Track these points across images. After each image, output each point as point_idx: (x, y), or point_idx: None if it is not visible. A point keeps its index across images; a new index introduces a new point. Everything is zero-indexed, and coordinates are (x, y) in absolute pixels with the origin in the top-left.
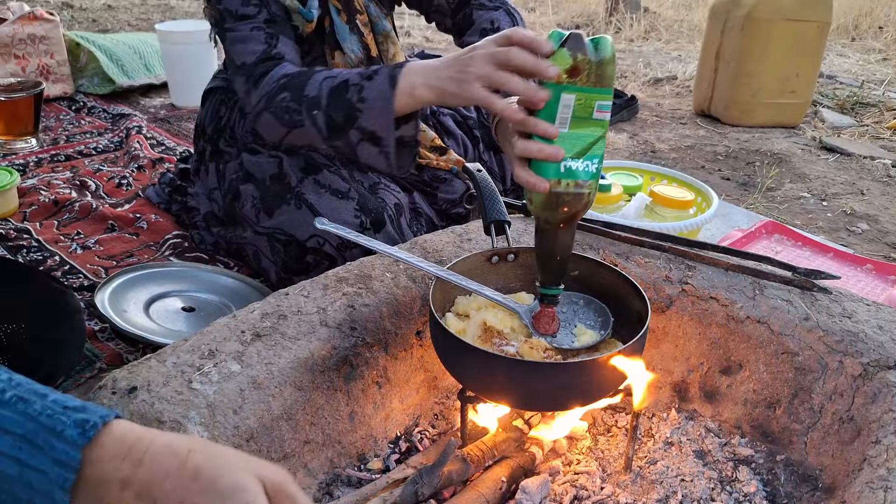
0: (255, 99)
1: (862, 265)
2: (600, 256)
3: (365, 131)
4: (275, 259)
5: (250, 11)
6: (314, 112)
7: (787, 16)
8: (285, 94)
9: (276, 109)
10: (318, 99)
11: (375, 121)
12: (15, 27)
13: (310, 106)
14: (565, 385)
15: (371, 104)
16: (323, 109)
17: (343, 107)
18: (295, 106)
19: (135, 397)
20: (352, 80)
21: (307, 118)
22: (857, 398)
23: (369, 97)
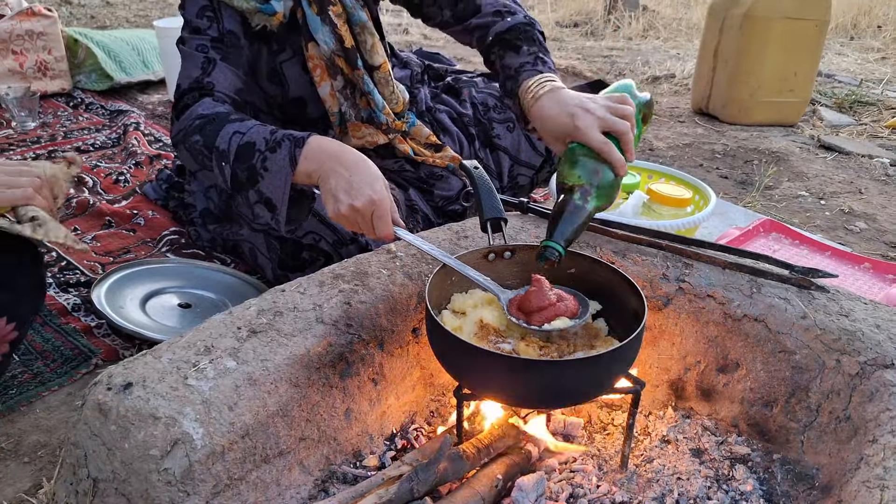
0: (174, 130)
1: (860, 264)
2: (597, 254)
3: (262, 196)
4: (271, 256)
5: (202, 24)
6: (223, 163)
7: (785, 14)
8: (198, 138)
9: (190, 148)
10: (227, 154)
11: (273, 191)
12: (13, 23)
13: (219, 157)
14: (561, 383)
15: (272, 175)
16: (230, 164)
17: (247, 168)
18: (206, 152)
19: (130, 393)
20: (258, 144)
21: (216, 166)
22: (854, 397)
23: (271, 168)
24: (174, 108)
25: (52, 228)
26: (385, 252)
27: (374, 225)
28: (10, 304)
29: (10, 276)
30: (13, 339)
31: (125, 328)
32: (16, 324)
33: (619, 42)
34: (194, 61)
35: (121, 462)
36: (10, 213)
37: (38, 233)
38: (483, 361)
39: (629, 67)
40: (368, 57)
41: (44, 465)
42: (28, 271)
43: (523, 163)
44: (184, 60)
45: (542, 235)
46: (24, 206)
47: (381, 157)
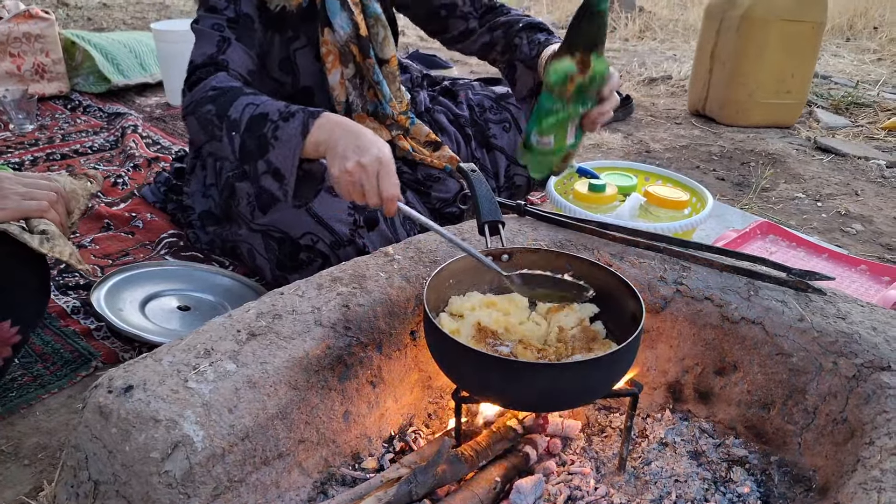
0: (186, 100)
1: (856, 266)
2: (595, 257)
3: (271, 166)
4: (269, 256)
5: (219, 4)
6: (232, 133)
7: (782, 16)
8: (210, 107)
9: (200, 117)
10: (238, 124)
11: (282, 160)
12: (10, 25)
13: (230, 127)
14: (559, 386)
15: (282, 143)
16: (240, 133)
17: (257, 138)
18: (217, 122)
19: (131, 396)
20: (271, 114)
21: (226, 136)
22: (850, 399)
23: (282, 137)
24: (186, 81)
25: (58, 245)
26: (383, 255)
27: (380, 184)
28: (15, 307)
29: (15, 280)
30: (16, 342)
31: (125, 331)
32: (19, 327)
33: (616, 43)
34: (209, 39)
35: (121, 464)
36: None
37: (44, 247)
38: (481, 364)
39: (626, 69)
40: (379, 49)
41: (44, 468)
42: (33, 275)
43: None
44: (198, 38)
45: (540, 238)
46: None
47: None
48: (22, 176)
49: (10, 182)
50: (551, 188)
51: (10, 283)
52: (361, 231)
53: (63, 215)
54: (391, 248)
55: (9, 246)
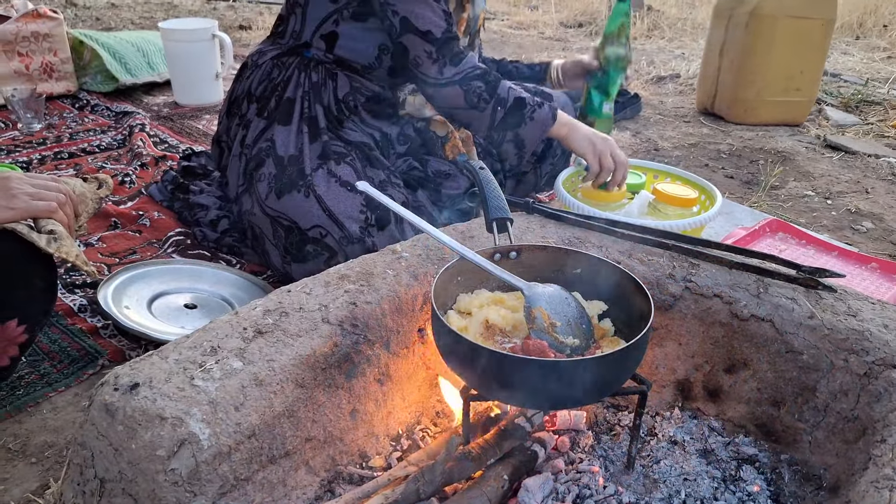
0: (448, 72)
1: (867, 264)
2: (604, 254)
3: (518, 137)
4: (276, 243)
5: None
6: (498, 108)
7: (791, 13)
8: (480, 84)
9: (467, 89)
10: (506, 102)
11: (531, 136)
12: (19, 25)
13: (498, 103)
14: (568, 383)
15: (535, 124)
16: (506, 110)
17: (517, 115)
18: (486, 97)
19: (137, 393)
20: (528, 100)
21: (490, 109)
22: (861, 397)
23: (537, 118)
24: (441, 50)
25: (65, 245)
26: (390, 252)
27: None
28: (22, 305)
29: (22, 279)
30: (23, 341)
31: (131, 329)
32: (26, 326)
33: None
34: (436, 11)
35: (128, 462)
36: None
37: (51, 246)
38: (489, 362)
39: (634, 67)
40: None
41: (51, 466)
42: (40, 275)
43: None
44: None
45: (548, 235)
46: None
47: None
48: (32, 177)
49: (19, 182)
50: (560, 186)
51: (17, 282)
52: (372, 230)
53: (71, 217)
54: (399, 245)
55: (16, 245)
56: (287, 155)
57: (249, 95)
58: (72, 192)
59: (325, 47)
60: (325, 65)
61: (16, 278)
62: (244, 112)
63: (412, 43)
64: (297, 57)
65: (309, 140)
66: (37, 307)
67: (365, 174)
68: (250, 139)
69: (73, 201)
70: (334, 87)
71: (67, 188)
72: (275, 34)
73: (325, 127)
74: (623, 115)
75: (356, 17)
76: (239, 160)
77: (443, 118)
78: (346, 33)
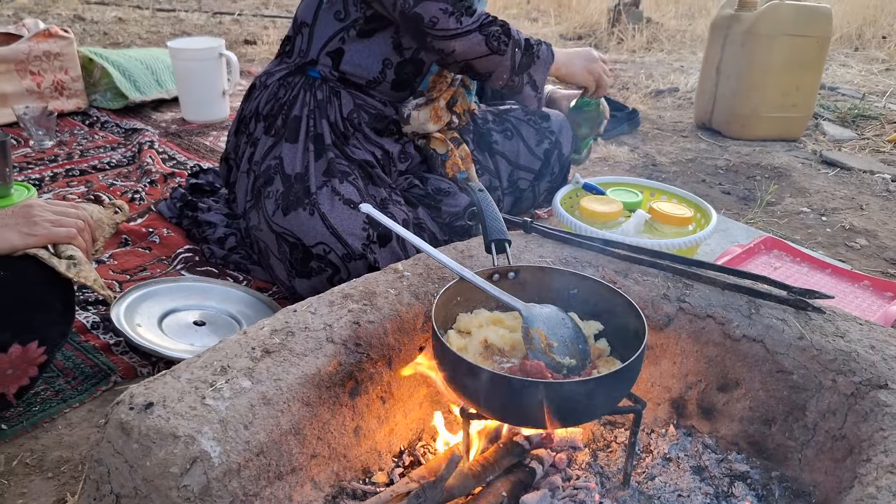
0: (466, 21)
1: (859, 281)
2: (600, 273)
3: (532, 78)
4: (281, 258)
5: None
6: (516, 49)
7: (787, 31)
8: (496, 28)
9: (487, 34)
10: (520, 42)
11: (539, 74)
12: (31, 44)
13: (515, 44)
14: (564, 403)
15: (542, 61)
16: (522, 50)
17: (529, 55)
18: (505, 39)
19: (151, 412)
20: (531, 39)
21: (510, 51)
22: (849, 416)
23: (542, 57)
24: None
25: (84, 270)
26: (392, 271)
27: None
28: (42, 327)
29: (43, 302)
30: (42, 362)
31: (143, 346)
32: (45, 347)
33: (623, 55)
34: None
35: (142, 479)
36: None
37: (71, 271)
38: (486, 382)
39: (633, 81)
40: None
41: (67, 481)
42: (60, 298)
43: (522, 167)
44: None
45: (546, 255)
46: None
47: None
48: (52, 204)
49: (41, 210)
50: (557, 204)
51: (38, 305)
52: (373, 246)
53: (89, 242)
54: (400, 264)
55: (38, 269)
56: (294, 173)
57: (257, 115)
58: (90, 218)
59: (332, 64)
60: (329, 83)
61: (37, 301)
62: (252, 130)
63: (426, 8)
64: (302, 77)
65: (314, 158)
66: (56, 329)
67: (367, 192)
68: (258, 156)
69: (91, 227)
70: (339, 104)
71: (86, 214)
72: (282, 53)
73: (331, 143)
74: (621, 130)
75: (362, 34)
76: (247, 177)
77: (443, 136)
78: (351, 49)
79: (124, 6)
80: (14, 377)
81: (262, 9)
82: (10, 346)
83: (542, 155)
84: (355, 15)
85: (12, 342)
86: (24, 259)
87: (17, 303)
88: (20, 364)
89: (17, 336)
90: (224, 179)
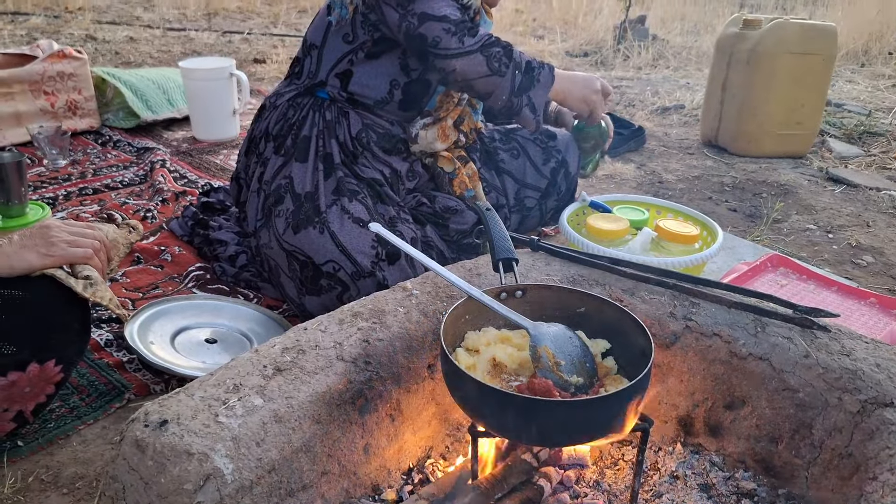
0: (468, 41)
1: (866, 299)
2: (607, 291)
3: (531, 101)
4: (292, 275)
5: None
6: (516, 72)
7: (791, 50)
8: (498, 49)
9: (488, 55)
10: (520, 65)
11: (538, 97)
12: (45, 65)
13: (515, 66)
14: (573, 422)
15: (541, 84)
16: (522, 73)
17: (529, 78)
18: (506, 60)
19: (166, 430)
20: (533, 62)
21: (510, 72)
22: (855, 435)
23: (542, 80)
24: (460, 24)
25: (100, 290)
26: (401, 290)
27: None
28: (60, 346)
29: (61, 321)
30: (59, 380)
31: (156, 364)
32: (63, 366)
33: (629, 72)
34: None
35: (157, 495)
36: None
37: (87, 291)
38: (494, 400)
39: (639, 98)
40: None
41: (82, 497)
42: (77, 317)
43: (529, 185)
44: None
45: (553, 273)
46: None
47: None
48: (69, 224)
49: (58, 231)
50: (564, 222)
51: (56, 325)
52: (382, 264)
53: (104, 262)
54: (409, 282)
55: (55, 289)
56: (304, 192)
57: (267, 135)
58: (105, 238)
59: (340, 85)
60: (337, 104)
61: (55, 321)
62: (262, 150)
63: (430, 28)
64: (311, 97)
65: (324, 177)
66: (73, 348)
67: (376, 211)
68: (268, 176)
69: (107, 247)
70: (347, 124)
71: (101, 234)
72: (291, 74)
73: (341, 162)
74: (628, 148)
75: (370, 56)
76: (258, 196)
77: (450, 154)
78: (360, 71)
79: (135, 26)
80: (32, 395)
81: (270, 28)
82: (29, 364)
83: (549, 174)
84: (363, 37)
85: (31, 361)
86: (42, 279)
87: (37, 323)
88: (38, 382)
89: (36, 355)
90: (234, 198)
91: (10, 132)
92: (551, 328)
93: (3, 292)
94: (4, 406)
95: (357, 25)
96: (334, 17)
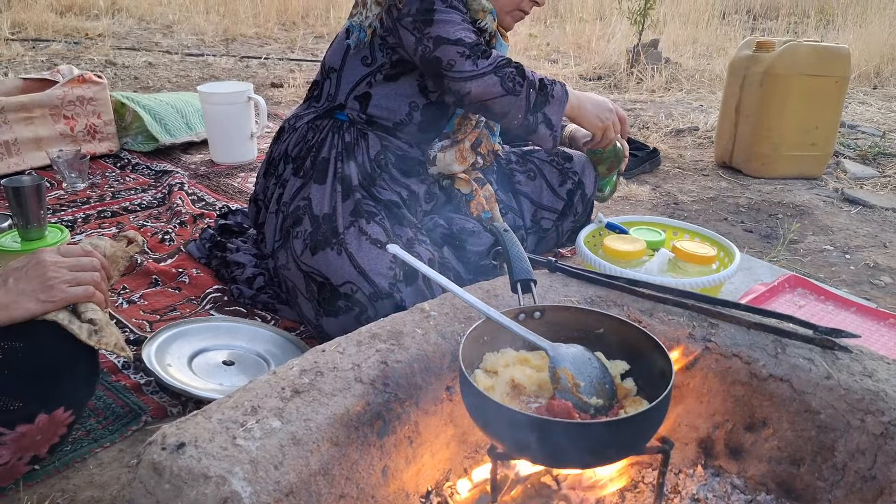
0: (482, 63)
1: (885, 320)
2: (625, 313)
3: (547, 117)
4: (309, 296)
5: (459, 6)
6: (531, 90)
7: (804, 71)
8: (511, 70)
9: (502, 76)
10: (534, 83)
11: (554, 113)
12: (65, 90)
13: (529, 85)
14: (593, 443)
15: (556, 100)
16: (536, 91)
17: (543, 95)
18: (520, 80)
19: (183, 453)
20: (545, 79)
21: (524, 91)
22: (878, 457)
23: (556, 96)
24: (474, 47)
25: (105, 336)
26: (419, 311)
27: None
28: (68, 394)
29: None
30: (70, 422)
31: (173, 386)
32: (73, 409)
33: (643, 95)
34: (465, 28)
35: None
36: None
37: (92, 339)
38: (514, 422)
39: (653, 120)
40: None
41: None
42: (84, 359)
43: (546, 207)
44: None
45: (571, 294)
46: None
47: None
48: (64, 253)
49: (54, 269)
50: (581, 243)
51: (62, 373)
52: (400, 285)
53: (106, 292)
54: (427, 304)
55: (59, 335)
56: (322, 213)
57: (286, 157)
58: (103, 259)
59: (359, 107)
60: (356, 126)
61: (61, 369)
62: (281, 172)
63: (445, 52)
64: (330, 120)
65: (342, 198)
66: (81, 392)
67: (393, 232)
68: (287, 197)
69: (106, 268)
70: (366, 146)
71: (99, 255)
72: (310, 98)
73: (359, 184)
74: (643, 169)
75: (388, 78)
76: (276, 217)
77: (467, 176)
78: (378, 93)
79: (154, 51)
80: (44, 440)
81: (287, 53)
82: (37, 416)
83: (566, 195)
84: (382, 60)
85: (39, 412)
86: (44, 325)
87: (42, 374)
88: (49, 429)
89: (44, 405)
90: (253, 220)
91: (29, 156)
92: (570, 349)
93: (3, 345)
94: (18, 455)
95: (375, 48)
96: (353, 40)
